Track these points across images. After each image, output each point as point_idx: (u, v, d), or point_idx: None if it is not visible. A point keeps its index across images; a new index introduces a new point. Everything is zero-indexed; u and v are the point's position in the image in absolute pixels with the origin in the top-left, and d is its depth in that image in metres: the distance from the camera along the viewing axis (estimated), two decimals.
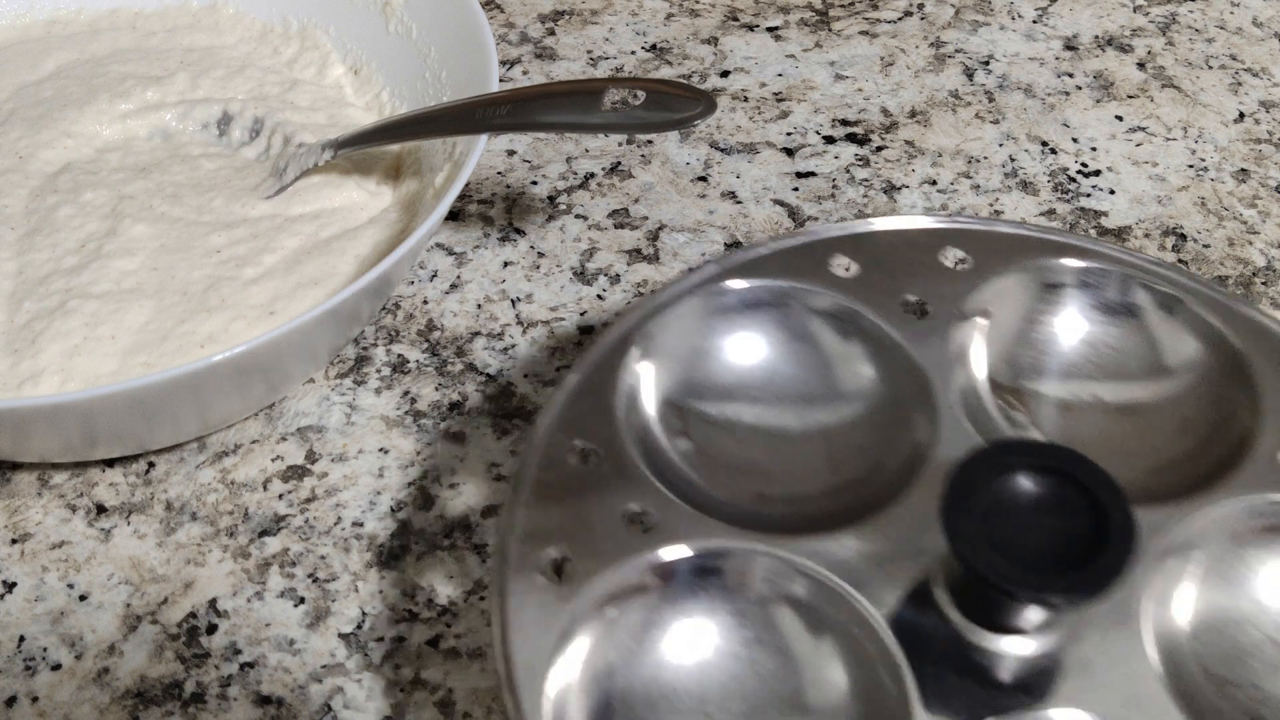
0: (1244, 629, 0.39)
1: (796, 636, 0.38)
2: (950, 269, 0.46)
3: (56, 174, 0.56)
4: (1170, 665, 0.37)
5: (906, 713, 0.36)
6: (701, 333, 0.45)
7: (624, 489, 0.40)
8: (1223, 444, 0.42)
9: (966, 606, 0.38)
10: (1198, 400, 0.44)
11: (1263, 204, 0.62)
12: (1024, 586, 0.35)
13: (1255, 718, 0.37)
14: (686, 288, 0.45)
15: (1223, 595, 0.39)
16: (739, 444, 0.44)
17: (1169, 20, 0.73)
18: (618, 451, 0.41)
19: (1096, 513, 0.35)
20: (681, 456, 0.43)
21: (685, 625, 0.38)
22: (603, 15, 0.73)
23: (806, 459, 0.44)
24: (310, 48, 0.63)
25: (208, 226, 0.54)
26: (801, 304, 0.45)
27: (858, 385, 0.44)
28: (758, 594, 0.39)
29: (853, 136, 0.65)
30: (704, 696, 0.38)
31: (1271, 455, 0.40)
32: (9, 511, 0.49)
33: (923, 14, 0.73)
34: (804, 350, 0.45)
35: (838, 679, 0.38)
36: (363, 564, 0.47)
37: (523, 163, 0.63)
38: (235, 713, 0.43)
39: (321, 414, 0.52)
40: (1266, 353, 0.43)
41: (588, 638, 0.37)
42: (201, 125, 0.59)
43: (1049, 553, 0.35)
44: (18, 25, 0.64)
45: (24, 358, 0.48)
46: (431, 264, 0.58)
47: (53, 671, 0.44)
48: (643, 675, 0.38)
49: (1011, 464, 0.36)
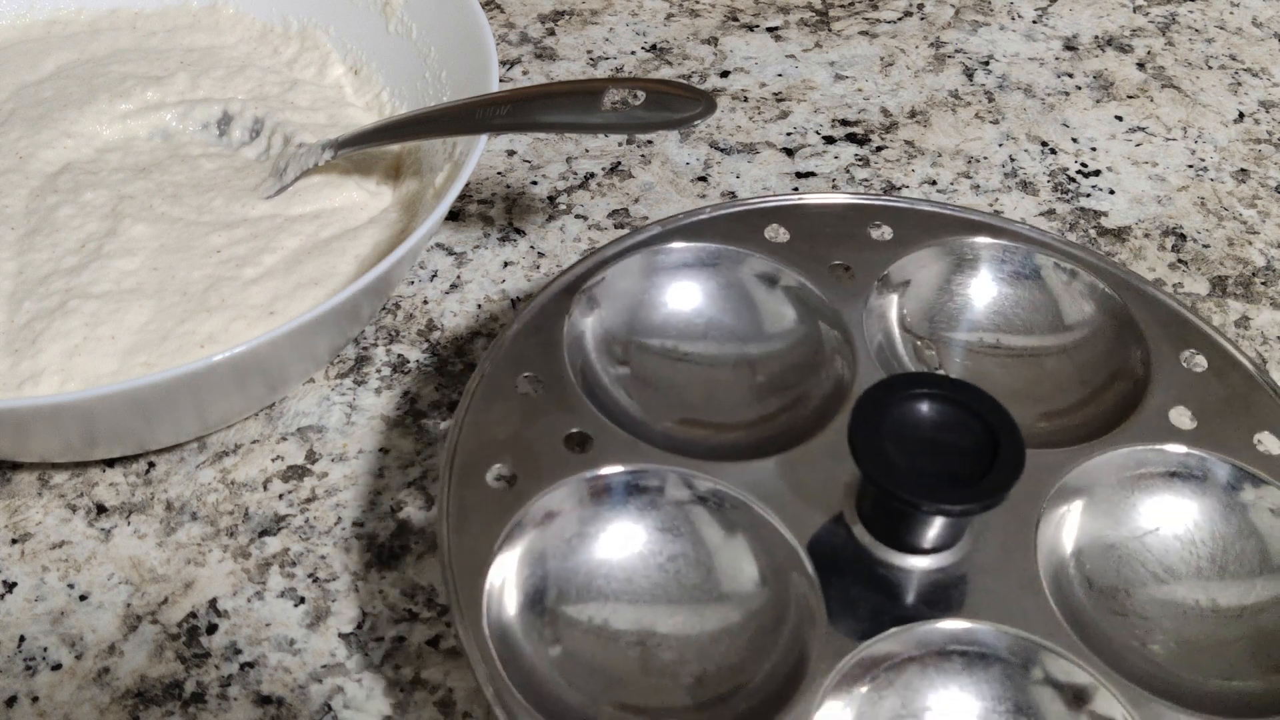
0: (1121, 553, 0.43)
1: (716, 545, 0.42)
2: (875, 240, 0.51)
3: (56, 174, 0.56)
4: (1056, 583, 0.41)
5: (813, 622, 0.39)
6: (643, 284, 0.49)
7: (566, 416, 0.44)
8: (1117, 399, 0.47)
9: (875, 527, 0.41)
10: (1096, 360, 0.49)
11: (1262, 204, 0.62)
12: (922, 498, 0.38)
13: (1120, 614, 0.42)
14: (632, 244, 0.49)
15: (1107, 527, 0.44)
16: (673, 379, 0.48)
17: (1169, 20, 0.73)
18: (561, 382, 0.45)
19: (989, 436, 0.39)
20: (620, 387, 0.47)
21: (615, 529, 0.42)
22: (603, 15, 0.73)
23: (735, 395, 0.48)
24: (310, 48, 0.63)
25: (208, 226, 0.54)
26: (736, 263, 0.50)
27: (784, 333, 0.49)
28: (683, 510, 0.43)
29: (853, 136, 0.65)
30: (630, 581, 0.42)
31: (1159, 411, 0.45)
32: (9, 511, 0.49)
33: (923, 14, 0.73)
34: (736, 303, 0.50)
35: (751, 579, 0.42)
36: (363, 564, 0.47)
37: (523, 163, 0.63)
38: (235, 713, 0.43)
39: (321, 414, 0.52)
40: (1159, 322, 0.48)
41: (526, 539, 0.41)
42: (201, 125, 0.59)
43: (945, 470, 0.39)
44: (18, 25, 0.64)
45: (24, 358, 0.48)
46: (431, 264, 0.58)
47: (53, 671, 0.44)
48: (575, 566, 0.42)
49: (913, 393, 0.40)
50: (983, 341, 0.50)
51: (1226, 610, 0.42)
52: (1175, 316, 0.49)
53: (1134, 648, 0.41)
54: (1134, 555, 0.43)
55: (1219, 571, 0.43)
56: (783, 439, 0.45)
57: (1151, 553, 0.44)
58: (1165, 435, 0.44)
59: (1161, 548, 0.44)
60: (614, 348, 0.48)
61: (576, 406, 0.44)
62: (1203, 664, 0.41)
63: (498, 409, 0.44)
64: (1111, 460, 0.44)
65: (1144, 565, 0.43)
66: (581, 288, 0.48)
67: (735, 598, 0.42)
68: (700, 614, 0.42)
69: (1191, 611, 0.42)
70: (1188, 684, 0.40)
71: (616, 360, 0.48)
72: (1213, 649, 0.41)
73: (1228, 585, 0.43)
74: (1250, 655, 0.41)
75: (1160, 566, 0.43)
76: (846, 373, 0.46)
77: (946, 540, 0.41)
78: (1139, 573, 0.43)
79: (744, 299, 0.50)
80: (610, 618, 0.42)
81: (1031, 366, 0.49)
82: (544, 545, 0.42)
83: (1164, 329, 0.48)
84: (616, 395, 0.47)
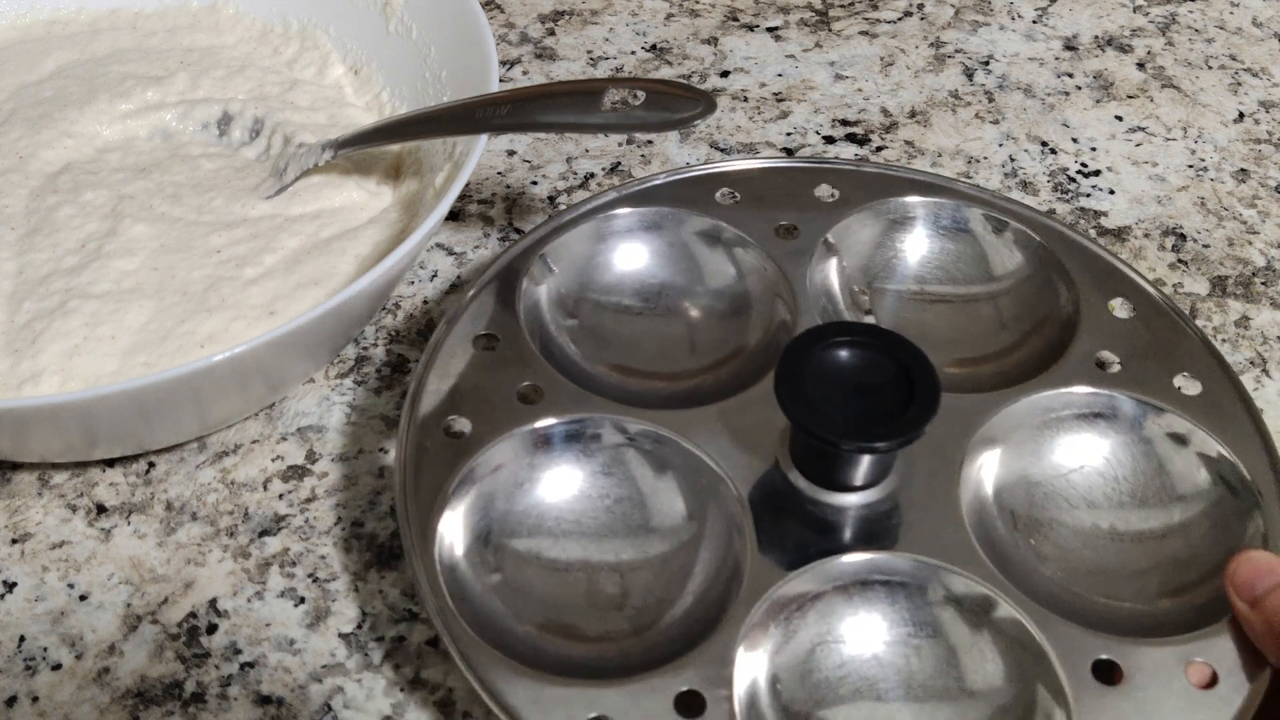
0: (1042, 488, 0.46)
1: (655, 488, 0.45)
2: (821, 201, 0.54)
3: (57, 174, 0.56)
4: (978, 517, 0.44)
5: (744, 554, 0.42)
6: (596, 246, 0.52)
7: (520, 370, 0.47)
8: (1045, 345, 0.50)
9: (805, 468, 0.44)
10: (1026, 308, 0.51)
11: (1262, 204, 0.62)
12: (842, 437, 0.41)
13: (1036, 544, 0.45)
14: (588, 209, 0.52)
15: (1030, 464, 0.46)
16: (624, 334, 0.51)
17: (1169, 20, 0.73)
18: (517, 340, 0.48)
19: (907, 378, 0.42)
20: (572, 343, 0.50)
21: (560, 472, 0.46)
22: (603, 15, 0.73)
23: (682, 349, 0.51)
24: (310, 48, 0.63)
25: (208, 226, 0.54)
26: (686, 225, 0.53)
27: (730, 288, 0.52)
28: (621, 454, 0.46)
29: (853, 136, 0.65)
30: (575, 521, 0.45)
31: (1085, 355, 0.48)
32: (9, 511, 0.49)
33: (923, 14, 0.73)
34: (685, 262, 0.52)
35: (687, 517, 0.45)
36: (363, 564, 0.47)
37: (523, 163, 0.63)
38: (235, 713, 0.43)
39: (321, 414, 0.52)
40: (1089, 271, 0.51)
41: (477, 484, 0.44)
42: (201, 125, 0.59)
43: (866, 411, 0.42)
44: (18, 25, 0.64)
45: (24, 358, 0.48)
46: (431, 264, 0.58)
47: (53, 671, 0.44)
48: (523, 508, 0.45)
49: (836, 342, 0.43)
50: (920, 292, 0.53)
51: (1134, 537, 0.45)
52: (1105, 266, 0.51)
53: (1046, 575, 0.44)
54: (1054, 490, 0.46)
55: (1131, 503, 0.46)
56: (725, 388, 0.48)
57: (1073, 488, 0.46)
58: (1089, 379, 0.47)
59: (1083, 483, 0.46)
60: (567, 305, 0.51)
61: (531, 362, 0.47)
62: (1110, 588, 0.44)
63: (456, 364, 0.47)
64: (1036, 402, 0.46)
65: (1065, 499, 0.46)
66: (539, 251, 0.51)
67: (672, 534, 0.45)
68: (638, 549, 0.45)
69: (1102, 541, 0.45)
70: (1094, 606, 0.43)
71: (569, 317, 0.51)
72: (1120, 576, 0.44)
73: (1137, 515, 0.46)
74: (1158, 579, 0.44)
75: (1079, 500, 0.46)
76: (787, 325, 0.49)
77: (872, 478, 0.44)
78: (1058, 506, 0.46)
79: (691, 258, 0.52)
80: (554, 553, 0.45)
81: (965, 315, 0.52)
82: (493, 489, 0.45)
83: (1093, 277, 0.50)
84: (569, 350, 0.50)
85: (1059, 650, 0.40)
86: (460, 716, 0.43)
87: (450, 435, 0.45)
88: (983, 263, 0.53)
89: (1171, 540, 0.45)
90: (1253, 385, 0.53)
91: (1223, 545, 0.44)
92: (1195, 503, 0.45)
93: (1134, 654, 0.40)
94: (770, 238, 0.52)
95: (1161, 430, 0.46)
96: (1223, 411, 0.46)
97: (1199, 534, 0.45)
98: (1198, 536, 0.45)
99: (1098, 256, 0.51)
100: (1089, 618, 0.42)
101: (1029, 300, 0.51)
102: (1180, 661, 0.40)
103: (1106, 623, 0.42)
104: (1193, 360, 0.48)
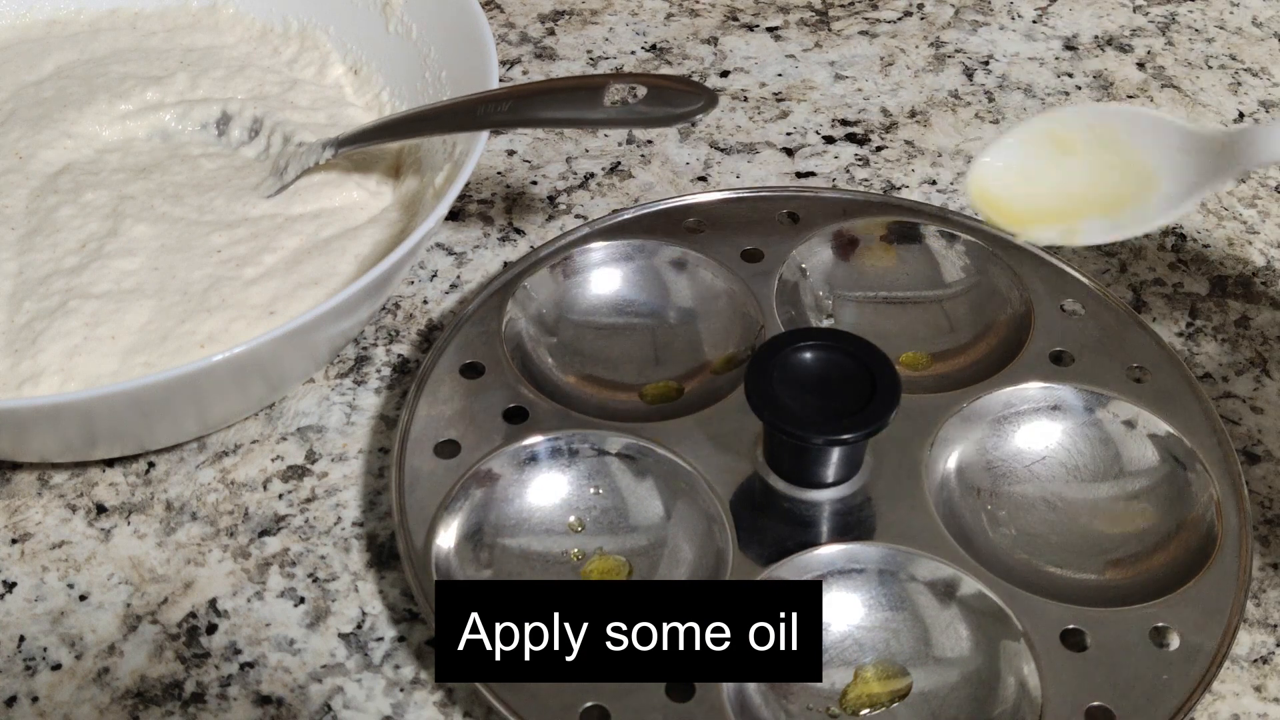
0: (1005, 477, 0.49)
1: (638, 496, 0.48)
2: (783, 224, 0.57)
3: (57, 174, 0.56)
4: (946, 506, 0.47)
5: (726, 550, 0.45)
6: (573, 278, 0.55)
7: (505, 393, 0.50)
8: (1002, 346, 0.53)
9: (779, 467, 0.47)
10: (983, 313, 0.55)
11: (1262, 204, 0.62)
12: (811, 432, 0.44)
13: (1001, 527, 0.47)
14: (564, 243, 0.55)
15: (992, 455, 0.49)
16: (602, 356, 0.54)
17: (1169, 20, 0.73)
18: (500, 366, 0.51)
19: (869, 376, 0.45)
20: (552, 367, 0.53)
21: (546, 479, 0.48)
22: (603, 15, 0.73)
23: (658, 365, 0.53)
24: (310, 48, 0.63)
25: (208, 226, 0.54)
26: (656, 254, 0.56)
27: (701, 308, 0.55)
28: (606, 465, 0.48)
29: (852, 136, 0.65)
30: (562, 520, 0.47)
31: (1039, 353, 0.51)
32: (9, 511, 0.49)
33: (923, 14, 0.73)
34: (658, 286, 0.55)
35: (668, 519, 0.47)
36: (363, 564, 0.47)
37: (523, 162, 0.63)
38: (235, 713, 0.43)
39: (321, 414, 0.52)
40: (1040, 278, 0.54)
41: (468, 495, 0.47)
42: (201, 125, 0.59)
43: (831, 408, 0.45)
44: (18, 25, 0.64)
45: (24, 358, 0.48)
46: (431, 264, 0.58)
47: (53, 671, 0.44)
48: (510, 509, 0.47)
49: (801, 346, 0.46)
50: (878, 298, 0.56)
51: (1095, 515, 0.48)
52: (1055, 270, 0.55)
53: (1014, 555, 0.46)
54: (1017, 478, 0.49)
55: (1091, 484, 0.49)
56: (701, 400, 0.50)
57: (1034, 475, 0.49)
58: (1044, 374, 0.50)
59: (1044, 471, 0.49)
60: (548, 334, 0.54)
61: (514, 385, 0.50)
62: (1075, 563, 0.46)
63: (444, 391, 0.50)
64: (996, 398, 0.50)
65: (1028, 486, 0.49)
66: (520, 284, 0.54)
67: (654, 535, 0.47)
68: (623, 547, 0.47)
69: (1064, 521, 0.48)
70: (1061, 580, 0.46)
71: (549, 344, 0.54)
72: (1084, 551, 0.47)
73: (1097, 494, 0.49)
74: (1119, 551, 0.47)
75: (1042, 486, 0.49)
76: (758, 337, 0.52)
77: (843, 474, 0.47)
78: (1022, 492, 0.49)
79: (663, 283, 0.55)
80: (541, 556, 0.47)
81: (925, 323, 0.55)
82: (484, 500, 0.47)
83: (1044, 283, 0.54)
84: (550, 374, 0.52)
85: (1029, 623, 0.43)
86: (460, 717, 0.43)
87: (440, 455, 0.48)
88: (938, 272, 0.56)
89: (1131, 515, 0.48)
90: (1253, 385, 0.53)
91: (1176, 516, 0.47)
92: (1149, 478, 0.49)
93: (1100, 622, 0.43)
94: (736, 261, 0.55)
95: (1114, 416, 0.50)
96: (1170, 394, 0.50)
97: (1155, 507, 0.48)
98: (1154, 510, 0.48)
99: (1046, 262, 0.55)
100: (1056, 591, 0.44)
101: (982, 304, 0.55)
102: (1144, 626, 0.43)
103: (1073, 595, 0.44)
104: (1142, 352, 0.52)
